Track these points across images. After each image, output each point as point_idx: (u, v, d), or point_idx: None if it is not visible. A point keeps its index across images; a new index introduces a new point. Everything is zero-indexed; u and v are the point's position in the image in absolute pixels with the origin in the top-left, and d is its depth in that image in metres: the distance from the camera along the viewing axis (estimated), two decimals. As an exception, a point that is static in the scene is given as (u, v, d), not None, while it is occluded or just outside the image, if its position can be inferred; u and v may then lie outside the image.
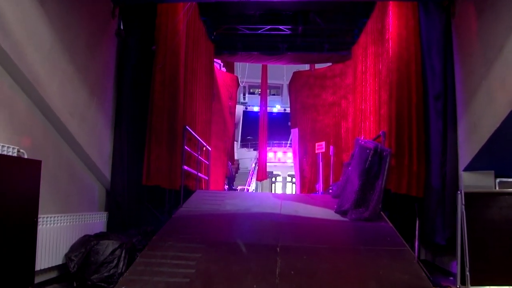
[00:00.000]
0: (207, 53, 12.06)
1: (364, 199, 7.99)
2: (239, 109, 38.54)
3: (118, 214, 7.80)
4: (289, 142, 35.78)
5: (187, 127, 8.68)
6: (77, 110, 6.70)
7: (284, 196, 9.55)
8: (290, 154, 33.80)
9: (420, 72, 8.17)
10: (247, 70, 36.01)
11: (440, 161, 7.66)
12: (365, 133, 10.61)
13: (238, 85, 15.68)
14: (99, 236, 6.55)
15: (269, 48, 13.42)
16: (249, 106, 41.38)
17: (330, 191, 10.85)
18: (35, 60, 5.63)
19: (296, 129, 14.91)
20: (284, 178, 36.40)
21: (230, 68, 16.72)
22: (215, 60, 14.37)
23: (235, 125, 38.24)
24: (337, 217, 8.04)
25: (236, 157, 36.72)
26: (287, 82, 39.54)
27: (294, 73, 15.41)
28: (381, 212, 7.76)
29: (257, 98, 36.55)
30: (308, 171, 14.29)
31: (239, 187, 25.80)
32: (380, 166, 7.98)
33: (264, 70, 27.60)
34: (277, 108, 40.95)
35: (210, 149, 11.73)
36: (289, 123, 37.48)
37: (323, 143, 12.39)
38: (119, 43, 8.19)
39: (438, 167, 7.72)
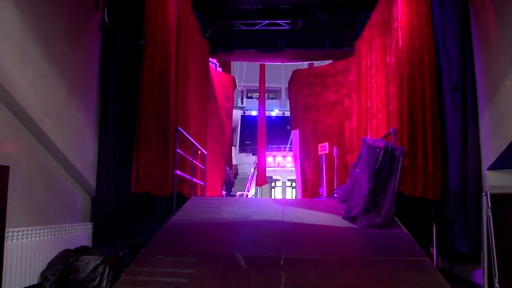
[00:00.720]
0: (202, 52, 11.34)
1: (375, 204, 7.27)
2: (237, 113, 38.47)
3: (105, 225, 7.08)
4: (288, 146, 35.33)
5: (179, 128, 7.94)
6: (53, 108, 5.97)
7: (286, 202, 8.81)
8: (289, 158, 33.53)
9: (433, 63, 7.47)
10: (244, 74, 35.66)
11: (459, 160, 6.95)
12: (371, 133, 9.89)
13: (235, 86, 14.96)
14: (80, 251, 5.81)
15: (267, 45, 12.71)
16: (247, 110, 41.14)
17: (335, 195, 10.11)
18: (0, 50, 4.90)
19: (297, 131, 14.17)
20: (284, 183, 35.99)
21: (226, 69, 16.01)
22: (210, 59, 13.66)
23: (233, 129, 38.13)
24: (346, 223, 7.31)
25: (234, 163, 36.38)
26: (286, 85, 39.35)
27: (294, 71, 14.69)
28: (395, 218, 7.03)
29: (255, 102, 36.30)
30: (310, 174, 13.54)
31: (238, 193, 25.19)
32: (391, 166, 7.28)
33: (262, 73, 27.11)
34: (275, 112, 40.59)
35: (205, 152, 11.00)
36: (288, 127, 37.60)
37: (326, 144, 11.66)
38: (104, 37, 7.50)
39: (457, 167, 7.01)
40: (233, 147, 37.42)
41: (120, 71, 7.51)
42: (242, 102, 42.24)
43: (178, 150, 7.87)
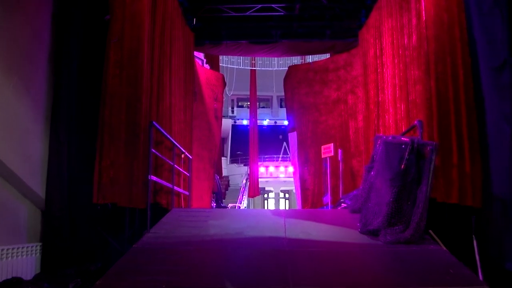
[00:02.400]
0: (185, 41, 9.85)
1: (401, 213, 5.77)
2: (227, 123, 37.62)
3: (57, 246, 5.48)
4: (281, 156, 34.04)
5: (154, 123, 6.39)
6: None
7: (287, 213, 7.24)
8: (282, 169, 32.46)
9: (466, 38, 6.04)
10: (234, 82, 34.67)
11: (508, 158, 5.47)
12: (385, 131, 8.42)
13: (225, 85, 13.42)
14: (8, 285, 4.20)
15: (260, 36, 11.24)
16: (238, 119, 40.14)
17: (343, 204, 8.59)
18: None
19: (294, 133, 12.62)
20: (277, 194, 34.68)
21: (214, 66, 14.49)
22: (196, 55, 12.19)
23: (224, 139, 36.81)
24: (365, 239, 5.79)
25: (225, 174, 35.04)
26: (277, 94, 38.64)
27: (290, 67, 13.17)
28: (430, 231, 5.55)
29: (246, 111, 35.42)
30: (311, 182, 11.98)
31: (229, 205, 23.73)
32: (419, 167, 5.82)
33: (253, 80, 26.04)
34: (267, 121, 39.44)
35: (190, 157, 9.45)
36: (281, 136, 36.29)
37: (331, 145, 10.14)
38: (58, 8, 5.95)
39: (503, 166, 5.54)
40: (224, 158, 36.32)
41: (79, 51, 6.01)
42: (232, 111, 41.27)
43: (153, 150, 6.32)
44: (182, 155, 8.72)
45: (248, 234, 5.87)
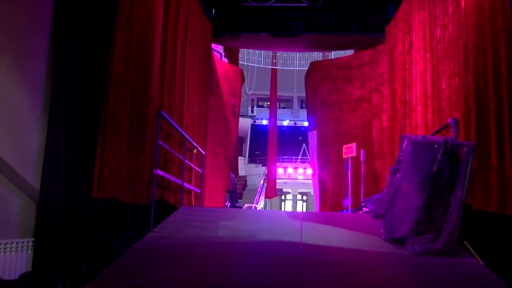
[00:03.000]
0: (203, 31, 9.37)
1: (431, 221, 5.16)
2: (247, 122, 37.42)
3: (50, 243, 5.01)
4: (300, 157, 33.54)
5: (163, 112, 5.89)
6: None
7: (304, 216, 6.67)
8: (301, 170, 32.05)
9: (510, 28, 5.40)
10: (254, 82, 34.29)
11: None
12: (411, 131, 7.79)
13: (243, 80, 12.88)
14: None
15: (281, 28, 10.66)
16: (257, 119, 39.81)
17: (365, 209, 7.97)
18: None
19: (315, 132, 12.01)
20: (295, 196, 34.23)
21: (233, 60, 13.97)
22: (215, 48, 11.71)
23: (242, 138, 36.35)
24: (390, 248, 5.20)
25: (243, 173, 34.66)
26: (298, 94, 38.07)
27: (312, 63, 12.57)
28: (465, 242, 4.93)
29: (265, 111, 35.15)
30: (331, 183, 11.35)
31: (245, 205, 23.30)
32: (452, 170, 5.22)
33: (274, 80, 25.52)
34: (287, 122, 38.99)
35: (204, 153, 8.95)
36: (300, 138, 35.62)
37: (354, 145, 9.51)
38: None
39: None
40: (242, 158, 36.02)
41: (83, 32, 5.55)
42: (252, 111, 40.95)
43: (160, 142, 5.82)
44: (195, 151, 8.22)
45: (261, 238, 5.32)
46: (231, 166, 12.53)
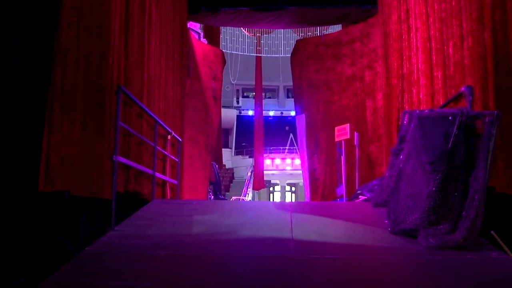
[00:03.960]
0: (177, 5, 8.39)
1: (447, 208, 4.34)
2: (232, 113, 37.12)
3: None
4: (287, 147, 32.92)
5: (123, 88, 4.94)
6: None
7: (294, 206, 5.76)
8: (289, 161, 31.57)
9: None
10: (238, 71, 33.67)
11: None
12: (412, 109, 6.92)
13: (225, 62, 11.91)
14: None
15: (263, 2, 9.69)
16: (243, 110, 39.34)
17: (362, 197, 7.11)
18: None
19: (303, 116, 11.11)
20: (283, 187, 33.62)
21: (214, 41, 13.00)
22: (192, 28, 10.73)
23: (228, 130, 35.52)
24: (397, 241, 4.36)
25: (230, 165, 33.94)
26: (284, 84, 37.37)
27: (298, 41, 11.64)
28: (492, 232, 4.09)
29: (251, 102, 34.58)
30: (322, 171, 10.49)
31: (233, 198, 22.56)
32: (469, 147, 4.40)
33: (258, 69, 24.83)
34: (273, 112, 38.38)
35: (180, 140, 8.01)
36: (287, 127, 34.81)
37: (347, 126, 8.65)
38: None
39: None
40: (228, 149, 35.37)
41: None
42: (237, 102, 40.36)
43: (121, 123, 4.88)
44: (169, 137, 7.28)
45: (242, 234, 4.42)
46: (214, 155, 11.60)
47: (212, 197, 12.08)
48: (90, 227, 4.73)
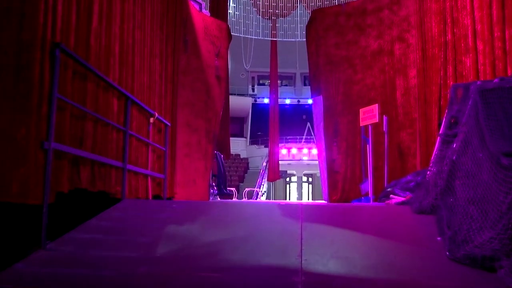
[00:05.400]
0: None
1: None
2: (247, 101, 35.81)
3: None
4: (304, 137, 31.66)
5: (63, 45, 3.48)
6: None
7: (306, 212, 4.20)
8: (305, 151, 30.52)
9: None
10: (252, 57, 32.28)
11: None
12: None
13: (230, 37, 10.37)
14: None
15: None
16: (258, 98, 38.28)
17: (394, 197, 5.53)
18: None
19: (320, 98, 9.51)
20: (300, 178, 32.50)
21: (220, 15, 11.43)
22: (193, -1, 9.26)
23: (243, 119, 34.26)
24: (463, 275, 2.82)
25: (245, 155, 32.78)
26: (300, 71, 35.93)
27: (314, 11, 10.01)
28: None
29: (267, 89, 33.44)
30: (342, 162, 8.92)
31: (246, 189, 21.30)
32: None
33: (274, 55, 23.39)
34: (289, 100, 37.24)
35: (169, 124, 6.55)
36: (304, 116, 33.24)
37: (375, 107, 7.07)
38: None
39: None
40: (243, 139, 34.20)
41: None
42: (253, 89, 39.24)
43: (59, 95, 3.42)
44: (151, 119, 5.82)
45: (226, 260, 2.94)
46: (217, 144, 10.11)
47: (216, 191, 10.63)
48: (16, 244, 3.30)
